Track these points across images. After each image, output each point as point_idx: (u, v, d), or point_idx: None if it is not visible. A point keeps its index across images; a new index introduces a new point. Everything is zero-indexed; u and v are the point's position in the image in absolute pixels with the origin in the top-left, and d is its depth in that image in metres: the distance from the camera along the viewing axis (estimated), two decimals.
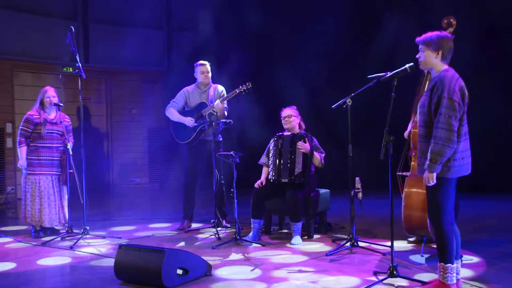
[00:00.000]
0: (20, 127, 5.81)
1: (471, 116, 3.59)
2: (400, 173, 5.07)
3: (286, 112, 5.71)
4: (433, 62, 3.53)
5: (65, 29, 5.96)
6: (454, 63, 3.60)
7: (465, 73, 3.66)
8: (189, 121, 6.06)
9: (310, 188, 5.57)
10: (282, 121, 5.71)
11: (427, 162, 3.39)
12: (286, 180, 5.46)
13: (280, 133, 5.68)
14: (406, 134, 4.99)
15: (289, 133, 5.59)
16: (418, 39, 3.59)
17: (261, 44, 9.75)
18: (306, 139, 5.50)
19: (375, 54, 8.43)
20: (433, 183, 3.40)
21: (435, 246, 3.83)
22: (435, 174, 3.38)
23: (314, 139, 5.65)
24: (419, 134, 3.56)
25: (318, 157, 5.57)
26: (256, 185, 5.64)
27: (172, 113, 6.18)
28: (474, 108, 3.89)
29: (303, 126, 5.77)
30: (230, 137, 7.53)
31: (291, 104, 5.82)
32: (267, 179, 5.62)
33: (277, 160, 5.53)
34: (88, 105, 10.06)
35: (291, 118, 5.66)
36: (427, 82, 4.71)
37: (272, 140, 5.72)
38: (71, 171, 5.80)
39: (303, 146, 5.44)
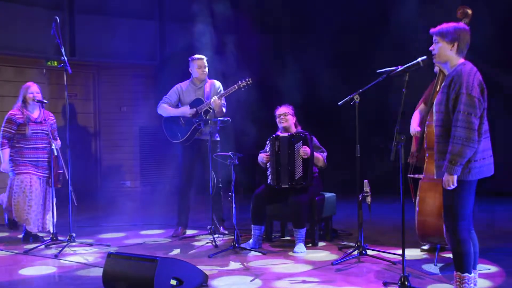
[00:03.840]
0: (2, 128, 5.82)
1: (488, 115, 3.58)
2: (411, 176, 5.04)
3: (282, 110, 5.71)
4: (448, 55, 3.52)
5: (49, 19, 5.97)
6: (472, 54, 3.59)
7: (484, 66, 3.66)
8: (186, 110, 6.03)
9: (315, 191, 5.57)
10: (277, 120, 5.71)
11: (446, 164, 3.37)
12: (286, 186, 5.47)
13: (275, 134, 5.65)
14: (413, 131, 4.90)
15: (286, 134, 5.56)
16: (433, 30, 3.58)
17: (263, 35, 9.75)
18: (306, 140, 5.47)
19: (385, 48, 8.42)
20: (453, 187, 3.39)
21: (449, 255, 3.83)
22: (455, 177, 3.37)
23: (314, 138, 5.65)
24: (436, 134, 3.54)
25: (320, 158, 5.57)
26: (262, 157, 5.61)
27: (165, 108, 6.17)
28: (492, 105, 3.88)
29: (299, 128, 5.76)
30: (228, 137, 7.53)
31: (290, 102, 5.83)
32: (267, 184, 5.63)
33: (275, 164, 5.52)
34: (74, 102, 10.05)
35: (287, 116, 5.67)
36: (439, 80, 4.69)
37: (268, 142, 5.70)
38: (61, 171, 5.81)
39: (305, 152, 5.41)
